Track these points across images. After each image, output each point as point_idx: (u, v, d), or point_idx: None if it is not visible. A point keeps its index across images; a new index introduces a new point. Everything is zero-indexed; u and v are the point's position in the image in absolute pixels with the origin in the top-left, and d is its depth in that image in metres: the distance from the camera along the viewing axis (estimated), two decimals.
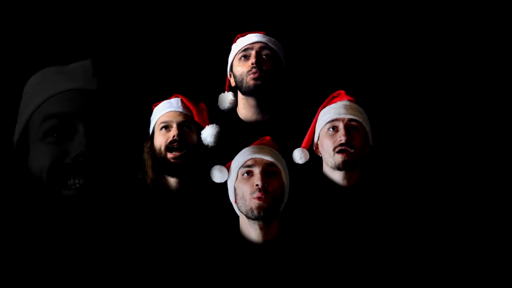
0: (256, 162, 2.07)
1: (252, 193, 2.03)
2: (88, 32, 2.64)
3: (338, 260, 2.06)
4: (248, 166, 2.08)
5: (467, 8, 2.36)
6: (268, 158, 2.08)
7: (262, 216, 2.01)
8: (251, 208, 2.02)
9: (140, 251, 2.10)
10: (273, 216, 2.04)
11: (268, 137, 2.22)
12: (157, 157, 2.23)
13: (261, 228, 2.04)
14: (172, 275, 2.07)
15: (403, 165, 2.40)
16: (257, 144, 2.20)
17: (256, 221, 2.03)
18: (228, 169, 2.17)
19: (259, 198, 2.01)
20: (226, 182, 2.18)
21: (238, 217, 2.12)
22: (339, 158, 2.17)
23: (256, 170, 2.06)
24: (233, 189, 2.11)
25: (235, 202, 2.10)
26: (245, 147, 2.17)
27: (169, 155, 2.20)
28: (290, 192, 2.14)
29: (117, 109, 2.31)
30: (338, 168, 2.18)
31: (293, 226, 2.12)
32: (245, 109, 2.52)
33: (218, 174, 2.17)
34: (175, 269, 2.08)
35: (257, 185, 2.02)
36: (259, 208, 2.00)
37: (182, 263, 2.07)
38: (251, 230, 2.06)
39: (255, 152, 2.10)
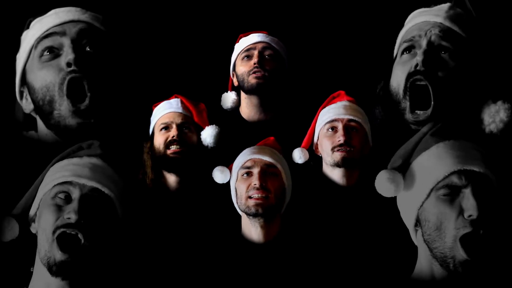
0: (255, 163, 2.07)
1: (248, 191, 2.03)
2: None
3: (339, 259, 2.06)
4: (248, 167, 2.08)
5: (467, 9, 2.36)
6: (267, 158, 2.07)
7: (261, 213, 2.01)
8: (248, 206, 2.02)
9: (140, 251, 2.12)
10: (272, 215, 2.04)
11: (272, 138, 2.21)
12: (157, 156, 2.24)
13: (262, 227, 2.04)
14: (171, 275, 2.09)
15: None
16: (261, 144, 2.19)
17: (256, 219, 2.03)
18: (231, 170, 2.17)
19: (256, 198, 2.01)
20: (229, 182, 2.18)
21: (239, 217, 2.12)
22: (338, 155, 2.17)
23: (255, 171, 2.06)
24: (234, 190, 2.11)
25: (236, 202, 2.10)
26: (248, 146, 2.17)
27: (169, 151, 2.21)
28: (291, 192, 2.14)
29: (118, 110, 2.35)
30: (338, 164, 2.18)
31: (293, 225, 2.12)
32: (248, 109, 2.53)
33: (219, 175, 2.17)
34: (174, 269, 2.09)
35: (255, 184, 2.02)
36: (256, 205, 2.01)
37: (181, 263, 2.09)
38: (252, 230, 2.06)
39: (254, 153, 2.10)
